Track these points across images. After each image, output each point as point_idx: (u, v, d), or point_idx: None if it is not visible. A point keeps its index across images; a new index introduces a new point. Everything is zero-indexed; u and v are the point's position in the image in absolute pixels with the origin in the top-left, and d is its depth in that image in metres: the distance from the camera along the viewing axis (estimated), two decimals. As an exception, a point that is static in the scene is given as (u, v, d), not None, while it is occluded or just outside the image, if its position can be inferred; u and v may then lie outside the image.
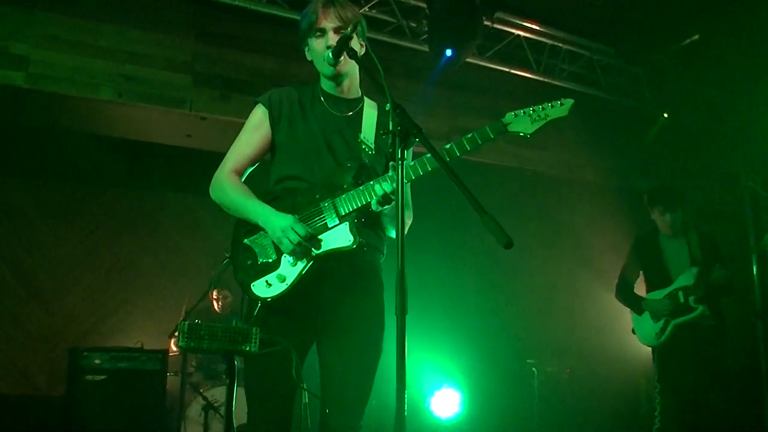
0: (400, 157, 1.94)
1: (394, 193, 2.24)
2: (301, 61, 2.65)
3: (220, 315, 6.16)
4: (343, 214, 2.33)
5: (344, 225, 2.33)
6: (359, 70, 2.54)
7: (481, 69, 5.85)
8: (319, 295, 2.39)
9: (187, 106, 5.21)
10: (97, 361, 4.81)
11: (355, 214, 2.34)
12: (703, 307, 4.30)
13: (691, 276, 4.36)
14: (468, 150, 2.29)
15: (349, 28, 2.38)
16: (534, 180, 6.88)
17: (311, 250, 2.31)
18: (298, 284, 2.32)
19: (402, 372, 1.77)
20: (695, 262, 4.41)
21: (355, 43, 2.42)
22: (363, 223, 2.38)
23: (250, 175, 2.56)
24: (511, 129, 2.32)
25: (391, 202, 2.28)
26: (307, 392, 2.21)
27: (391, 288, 1.91)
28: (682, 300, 4.36)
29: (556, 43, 6.01)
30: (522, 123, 2.31)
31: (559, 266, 7.27)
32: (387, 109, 2.00)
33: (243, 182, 2.51)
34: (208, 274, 5.36)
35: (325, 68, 2.46)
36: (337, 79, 2.50)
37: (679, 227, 4.53)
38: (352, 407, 2.39)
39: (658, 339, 4.42)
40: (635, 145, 6.82)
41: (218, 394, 5.26)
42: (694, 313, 4.31)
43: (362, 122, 2.50)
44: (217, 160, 2.54)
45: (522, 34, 5.81)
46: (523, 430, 6.35)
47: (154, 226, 7.16)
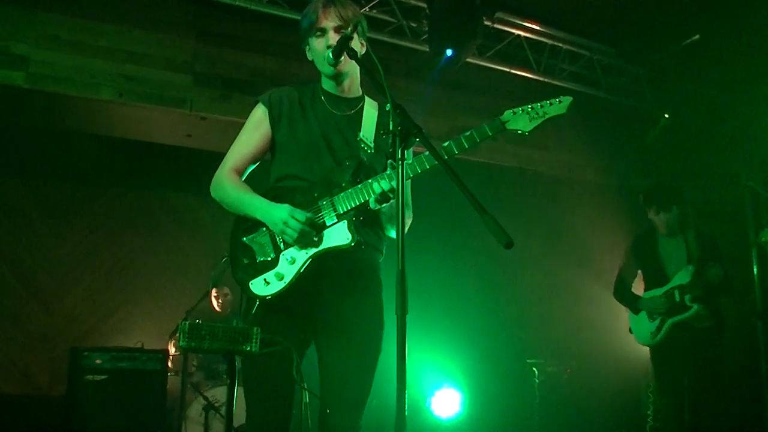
0: (400, 157, 1.94)
1: (392, 191, 2.24)
2: (301, 61, 2.65)
3: (220, 314, 6.15)
4: (341, 213, 2.33)
5: (342, 223, 2.33)
6: (360, 69, 2.54)
7: (482, 69, 5.84)
8: (317, 294, 2.39)
9: (188, 106, 5.21)
10: (98, 361, 4.80)
11: (354, 213, 2.33)
12: (698, 306, 4.27)
13: (687, 274, 4.34)
14: (466, 148, 2.28)
15: (349, 28, 2.38)
16: (534, 180, 6.86)
17: (315, 236, 2.31)
18: (297, 283, 2.32)
19: (402, 372, 1.77)
20: (692, 261, 4.38)
21: (355, 43, 2.42)
22: (362, 221, 2.38)
23: (251, 175, 2.57)
24: (510, 127, 2.31)
25: (390, 200, 2.28)
26: (307, 392, 2.21)
27: (391, 288, 1.90)
28: (678, 299, 4.33)
29: (556, 43, 6.00)
30: (520, 120, 2.30)
31: (560, 266, 7.26)
32: (387, 109, 2.00)
33: (243, 181, 2.51)
34: (208, 274, 5.35)
35: (326, 68, 2.46)
36: (338, 79, 2.50)
37: (676, 226, 4.49)
38: (352, 407, 2.38)
39: (653, 338, 4.41)
40: (635, 145, 6.80)
41: (219, 394, 5.27)
42: (689, 312, 4.29)
43: (362, 121, 2.50)
44: (218, 160, 2.55)
45: (522, 34, 5.80)
46: (524, 430, 6.35)
47: (155, 226, 7.17)
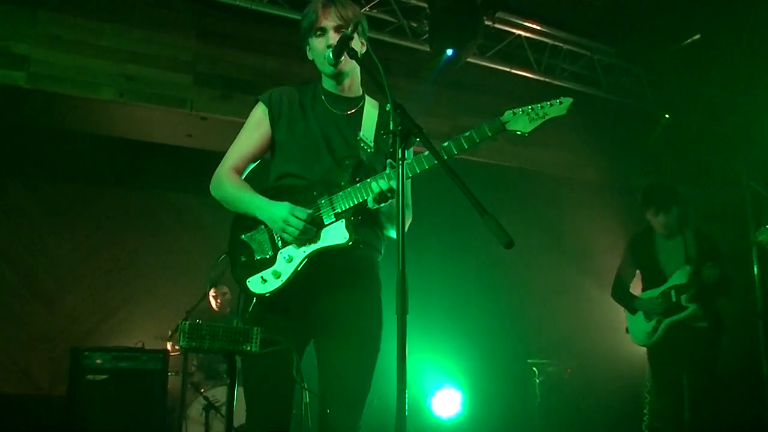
0: (400, 157, 1.94)
1: (391, 190, 2.24)
2: (302, 61, 2.64)
3: (219, 313, 6.15)
4: (340, 211, 2.33)
5: (340, 222, 2.33)
6: (360, 69, 2.54)
7: (482, 69, 5.85)
8: (315, 293, 2.38)
9: (188, 106, 5.21)
10: (99, 361, 4.81)
11: (352, 212, 2.33)
12: (694, 306, 4.25)
13: (684, 274, 4.31)
14: (466, 148, 2.27)
15: (349, 28, 2.38)
16: (534, 180, 6.87)
17: (316, 233, 2.31)
18: (294, 281, 2.32)
19: (403, 372, 1.77)
20: (689, 261, 4.35)
21: (355, 43, 2.41)
22: (360, 221, 2.37)
23: (251, 174, 2.57)
24: (510, 127, 2.29)
25: (388, 199, 2.27)
26: (307, 392, 2.21)
27: (391, 288, 1.90)
28: (674, 299, 4.31)
29: (556, 43, 6.00)
30: (520, 121, 2.28)
31: (560, 266, 7.26)
32: (388, 109, 2.00)
33: (243, 180, 2.51)
34: (208, 274, 5.35)
35: (326, 67, 2.46)
36: (338, 78, 2.50)
37: (675, 227, 4.46)
38: (352, 406, 2.38)
39: (650, 338, 4.39)
40: (636, 145, 6.80)
41: (219, 394, 5.27)
42: (686, 312, 4.27)
43: (362, 121, 2.50)
44: (218, 159, 2.55)
45: (523, 33, 5.80)
46: (524, 430, 6.36)
47: (155, 226, 7.17)
